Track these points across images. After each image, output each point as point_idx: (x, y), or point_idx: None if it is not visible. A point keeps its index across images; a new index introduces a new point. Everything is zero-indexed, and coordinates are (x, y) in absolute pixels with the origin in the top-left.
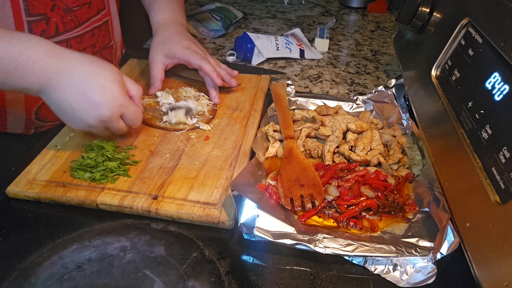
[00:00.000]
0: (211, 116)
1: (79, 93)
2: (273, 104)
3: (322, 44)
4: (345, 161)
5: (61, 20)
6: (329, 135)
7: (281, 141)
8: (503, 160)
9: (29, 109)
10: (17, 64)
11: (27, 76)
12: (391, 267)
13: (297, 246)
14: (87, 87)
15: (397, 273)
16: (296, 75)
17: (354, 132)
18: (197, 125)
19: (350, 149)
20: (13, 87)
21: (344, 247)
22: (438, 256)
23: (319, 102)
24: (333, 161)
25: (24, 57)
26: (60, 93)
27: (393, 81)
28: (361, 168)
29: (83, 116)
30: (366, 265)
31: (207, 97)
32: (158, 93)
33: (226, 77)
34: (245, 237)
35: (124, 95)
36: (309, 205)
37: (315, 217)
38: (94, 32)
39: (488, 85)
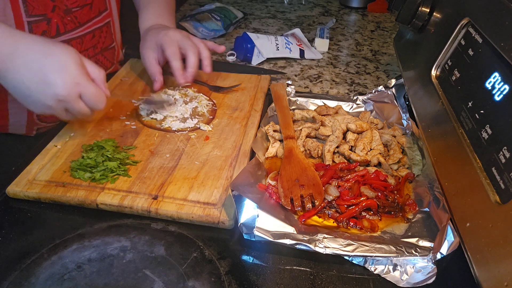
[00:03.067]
0: (211, 117)
1: (33, 73)
2: (273, 104)
3: (322, 44)
4: (345, 161)
5: (61, 20)
6: (329, 135)
7: (281, 141)
8: (503, 160)
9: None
10: None
11: None
12: (391, 267)
13: (297, 246)
14: (42, 66)
15: (397, 273)
16: (296, 75)
17: (354, 132)
18: (198, 126)
19: (350, 149)
20: None
21: (344, 247)
22: (438, 256)
23: (319, 102)
24: (333, 161)
25: None
26: (15, 74)
27: (393, 81)
28: (361, 168)
29: (39, 97)
30: (366, 265)
31: (206, 97)
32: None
33: (206, 59)
34: (245, 237)
35: (81, 75)
36: (309, 205)
37: (315, 217)
38: (95, 33)
39: (488, 85)
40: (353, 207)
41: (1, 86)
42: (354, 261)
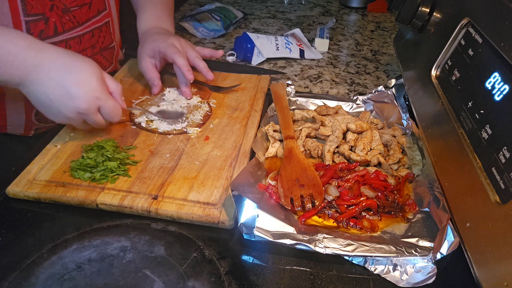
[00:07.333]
0: (202, 122)
1: (57, 86)
2: (273, 104)
3: (322, 44)
4: (345, 161)
5: (59, 20)
6: (329, 135)
7: (281, 141)
8: (503, 160)
9: (29, 111)
10: None
11: (7, 68)
12: (391, 267)
13: (297, 246)
14: (64, 79)
15: (397, 273)
16: (296, 75)
17: (354, 132)
18: (185, 130)
19: (350, 149)
20: None
21: (344, 247)
22: (438, 256)
23: (319, 102)
24: (333, 161)
25: (4, 50)
26: (38, 86)
27: (393, 81)
28: (361, 168)
29: (60, 109)
30: (366, 265)
31: (207, 106)
32: (166, 93)
33: (204, 69)
34: (245, 237)
35: (101, 89)
36: (309, 205)
37: (315, 217)
38: (94, 32)
39: (488, 85)
40: (353, 207)
41: None
42: (354, 261)
